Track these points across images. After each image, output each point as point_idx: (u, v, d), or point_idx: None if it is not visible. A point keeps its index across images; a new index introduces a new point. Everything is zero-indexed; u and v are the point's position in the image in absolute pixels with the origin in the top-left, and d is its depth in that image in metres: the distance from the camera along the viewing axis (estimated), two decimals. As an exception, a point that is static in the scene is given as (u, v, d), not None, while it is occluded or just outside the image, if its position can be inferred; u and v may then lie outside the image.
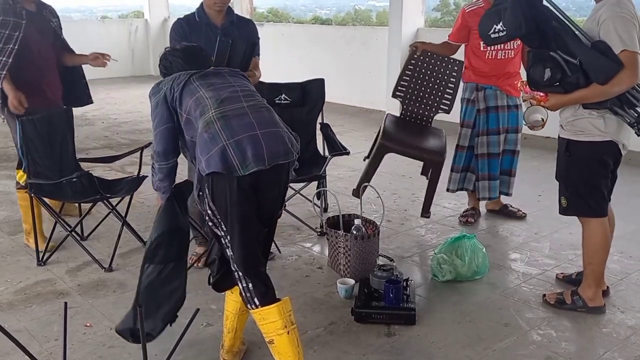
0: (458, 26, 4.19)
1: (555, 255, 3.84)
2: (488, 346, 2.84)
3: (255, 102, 2.47)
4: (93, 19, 13.77)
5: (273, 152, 2.32)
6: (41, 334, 2.94)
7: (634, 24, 2.74)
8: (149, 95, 2.61)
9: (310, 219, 4.34)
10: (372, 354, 2.78)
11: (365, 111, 8.83)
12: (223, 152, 2.27)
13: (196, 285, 3.39)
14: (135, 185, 3.89)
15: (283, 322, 2.36)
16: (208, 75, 2.55)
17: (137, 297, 2.39)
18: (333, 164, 4.71)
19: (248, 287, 2.38)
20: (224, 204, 2.32)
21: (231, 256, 2.38)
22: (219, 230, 2.38)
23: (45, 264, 3.70)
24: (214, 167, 2.27)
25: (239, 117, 2.35)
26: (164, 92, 2.53)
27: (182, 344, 2.50)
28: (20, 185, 3.87)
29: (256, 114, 2.39)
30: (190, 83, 2.50)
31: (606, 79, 2.74)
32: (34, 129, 3.68)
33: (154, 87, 2.63)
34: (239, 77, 2.65)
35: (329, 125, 4.36)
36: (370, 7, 16.79)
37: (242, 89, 2.51)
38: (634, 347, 2.83)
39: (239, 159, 2.27)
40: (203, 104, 2.41)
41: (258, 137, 2.31)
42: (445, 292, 3.37)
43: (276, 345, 2.39)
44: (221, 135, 2.29)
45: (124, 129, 7.76)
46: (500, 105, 4.15)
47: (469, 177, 4.33)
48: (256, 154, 2.28)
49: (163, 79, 2.64)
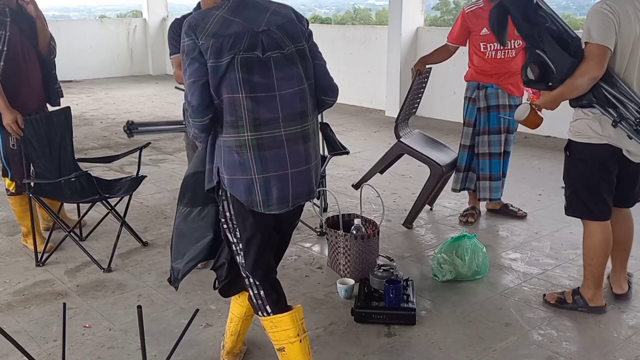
0: (458, 28, 4.19)
1: (556, 254, 3.83)
2: (488, 346, 2.83)
3: (292, 130, 2.19)
4: (91, 19, 13.75)
5: (298, 194, 2.25)
6: (40, 334, 2.93)
7: (611, 19, 2.74)
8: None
9: (309, 219, 4.33)
10: (372, 354, 2.77)
11: (365, 110, 8.83)
12: (249, 185, 2.18)
13: (195, 286, 3.39)
14: (134, 185, 3.88)
15: (296, 330, 2.32)
16: (253, 67, 2.14)
17: (171, 237, 2.47)
18: (333, 164, 4.71)
19: (259, 294, 2.33)
20: (242, 216, 2.27)
21: (242, 263, 2.32)
22: (232, 236, 2.31)
23: (44, 264, 3.69)
24: (237, 194, 2.21)
25: (274, 148, 2.18)
26: (199, 50, 2.11)
27: (182, 344, 2.48)
28: (10, 192, 3.83)
29: (292, 147, 2.20)
30: (232, 70, 2.11)
31: (568, 72, 2.80)
32: (32, 130, 3.66)
33: (186, 26, 2.14)
34: (286, 68, 2.19)
35: (329, 124, 4.35)
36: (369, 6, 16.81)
37: (282, 102, 2.17)
38: (634, 346, 2.82)
39: (262, 198, 2.20)
40: (239, 114, 2.14)
41: (287, 177, 2.21)
42: (446, 292, 3.36)
43: (287, 353, 2.35)
44: (252, 168, 2.17)
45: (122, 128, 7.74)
46: (502, 104, 4.14)
47: (471, 176, 4.33)
48: (281, 197, 2.21)
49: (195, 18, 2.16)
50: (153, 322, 3.01)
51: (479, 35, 4.10)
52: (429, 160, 4.19)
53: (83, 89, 10.75)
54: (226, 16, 2.14)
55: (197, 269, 3.52)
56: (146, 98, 9.89)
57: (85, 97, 9.95)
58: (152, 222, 4.40)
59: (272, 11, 2.21)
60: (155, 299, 3.27)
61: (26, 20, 3.66)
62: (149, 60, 12.66)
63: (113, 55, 12.42)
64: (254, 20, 2.16)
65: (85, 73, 11.85)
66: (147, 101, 9.63)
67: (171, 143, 6.81)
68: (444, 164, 4.22)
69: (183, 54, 2.14)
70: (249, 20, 2.15)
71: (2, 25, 3.51)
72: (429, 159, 4.19)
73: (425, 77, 4.37)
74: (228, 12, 2.15)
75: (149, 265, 3.69)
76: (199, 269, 3.54)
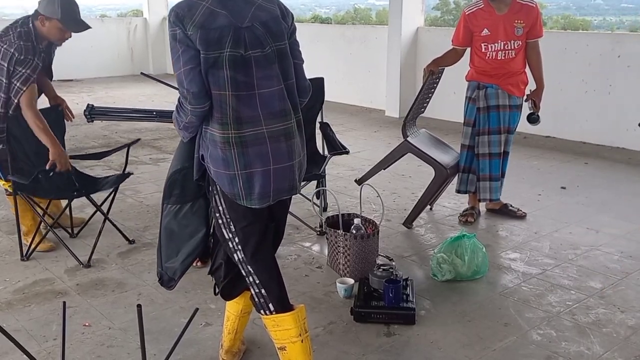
0: (462, 30, 4.19)
1: (555, 254, 3.84)
2: (488, 346, 2.83)
3: (274, 128, 2.22)
4: (92, 18, 13.75)
5: (279, 189, 2.26)
6: (40, 333, 2.93)
7: None
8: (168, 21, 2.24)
9: (309, 219, 4.33)
10: (372, 354, 2.77)
11: (365, 110, 8.82)
12: (232, 179, 2.20)
13: (195, 285, 3.39)
14: (119, 181, 3.86)
15: (298, 330, 2.31)
16: (237, 65, 2.14)
17: (159, 239, 2.38)
18: (332, 163, 4.71)
19: (261, 292, 2.32)
20: (234, 208, 2.27)
21: (242, 259, 2.31)
22: (227, 231, 2.31)
23: (28, 259, 3.72)
24: (221, 186, 2.24)
25: (257, 145, 2.20)
26: (189, 39, 2.11)
27: (181, 343, 2.48)
28: (8, 192, 3.84)
29: (274, 144, 2.22)
30: (220, 67, 2.12)
31: None
32: (17, 126, 3.62)
33: (173, 15, 2.14)
34: (266, 68, 2.20)
35: (329, 124, 4.36)
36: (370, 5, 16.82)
37: (261, 101, 2.19)
38: (634, 346, 2.83)
39: (245, 192, 2.22)
40: (224, 111, 2.16)
41: (269, 173, 2.22)
42: (445, 291, 3.36)
43: (288, 353, 2.35)
44: (235, 164, 2.19)
45: (122, 128, 7.74)
46: (502, 104, 4.14)
47: (471, 178, 4.33)
48: (262, 192, 2.23)
49: (182, 7, 2.15)
50: (153, 321, 3.01)
51: (479, 36, 4.10)
52: (434, 162, 4.17)
53: (83, 88, 10.75)
54: (212, 8, 2.13)
55: (197, 268, 3.54)
56: (146, 97, 9.89)
57: (85, 96, 9.94)
58: (153, 221, 4.40)
59: (258, 5, 2.21)
60: (155, 298, 3.28)
61: (49, 57, 3.81)
62: (149, 59, 12.66)
63: (113, 54, 12.42)
64: (239, 14, 2.16)
65: (86, 72, 11.85)
66: (147, 100, 9.63)
67: (171, 142, 6.81)
68: (449, 166, 4.22)
69: (174, 41, 2.13)
70: (234, 13, 2.15)
71: (36, 68, 3.60)
72: (434, 161, 4.17)
73: (437, 78, 4.37)
74: (214, 3, 2.14)
75: (149, 264, 3.69)
76: (198, 267, 3.55)
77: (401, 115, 7.26)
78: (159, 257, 2.44)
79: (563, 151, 6.23)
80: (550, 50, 6.45)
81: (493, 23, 4.06)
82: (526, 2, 4.08)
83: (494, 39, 4.06)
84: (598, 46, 6.63)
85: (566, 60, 6.75)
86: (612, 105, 6.52)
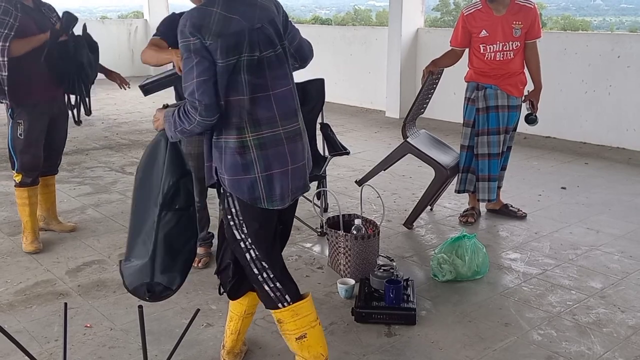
0: (460, 31, 4.19)
1: (556, 255, 3.84)
2: (488, 346, 2.83)
3: (289, 128, 2.27)
4: (93, 19, 13.77)
5: (296, 187, 2.33)
6: (41, 334, 2.93)
7: None
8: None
9: (310, 219, 4.33)
10: (373, 354, 2.78)
11: (365, 111, 8.83)
12: (253, 184, 2.23)
13: (196, 286, 3.39)
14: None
15: (315, 313, 2.40)
16: (253, 68, 2.17)
17: (154, 249, 2.31)
18: (333, 164, 4.72)
19: (276, 286, 2.35)
20: (248, 210, 2.29)
21: (255, 257, 2.33)
22: (239, 232, 2.32)
23: None
24: (239, 194, 2.25)
25: (275, 146, 2.24)
26: (207, 49, 2.09)
27: (183, 344, 2.49)
28: (16, 183, 3.88)
29: (291, 144, 2.27)
30: (238, 72, 2.14)
31: None
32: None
33: (189, 26, 2.11)
34: (277, 68, 2.24)
35: (329, 125, 4.36)
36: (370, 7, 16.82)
37: (276, 101, 2.23)
38: (634, 346, 2.83)
39: (266, 194, 2.25)
40: (242, 115, 2.18)
41: (288, 173, 2.27)
42: (446, 292, 3.36)
43: (308, 339, 2.38)
44: (255, 167, 2.21)
45: (123, 129, 7.76)
46: (501, 105, 4.15)
47: (470, 178, 4.34)
48: (282, 193, 2.27)
49: (196, 17, 2.12)
50: (154, 322, 3.02)
51: (478, 37, 4.11)
52: (434, 163, 4.17)
53: (84, 90, 10.75)
54: (224, 13, 2.14)
55: (197, 269, 3.54)
56: (147, 99, 9.88)
57: (86, 97, 9.95)
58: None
59: (260, 6, 2.23)
60: (156, 299, 3.28)
61: (43, 18, 3.82)
62: (149, 60, 12.67)
63: (114, 55, 12.42)
64: (248, 16, 2.18)
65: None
66: (148, 101, 9.63)
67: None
68: (449, 167, 4.22)
69: (188, 52, 2.11)
70: (245, 17, 2.17)
71: (7, 12, 3.60)
72: (435, 161, 4.17)
73: (436, 79, 4.37)
74: (224, 9, 2.15)
75: (150, 265, 3.69)
76: (199, 269, 3.55)
77: (401, 116, 7.26)
78: (150, 269, 2.34)
79: (563, 151, 6.23)
80: (550, 51, 6.47)
81: (491, 24, 4.07)
82: (524, 3, 4.09)
83: (492, 40, 4.07)
84: (598, 46, 6.63)
85: (566, 60, 6.76)
86: (612, 105, 6.52)
